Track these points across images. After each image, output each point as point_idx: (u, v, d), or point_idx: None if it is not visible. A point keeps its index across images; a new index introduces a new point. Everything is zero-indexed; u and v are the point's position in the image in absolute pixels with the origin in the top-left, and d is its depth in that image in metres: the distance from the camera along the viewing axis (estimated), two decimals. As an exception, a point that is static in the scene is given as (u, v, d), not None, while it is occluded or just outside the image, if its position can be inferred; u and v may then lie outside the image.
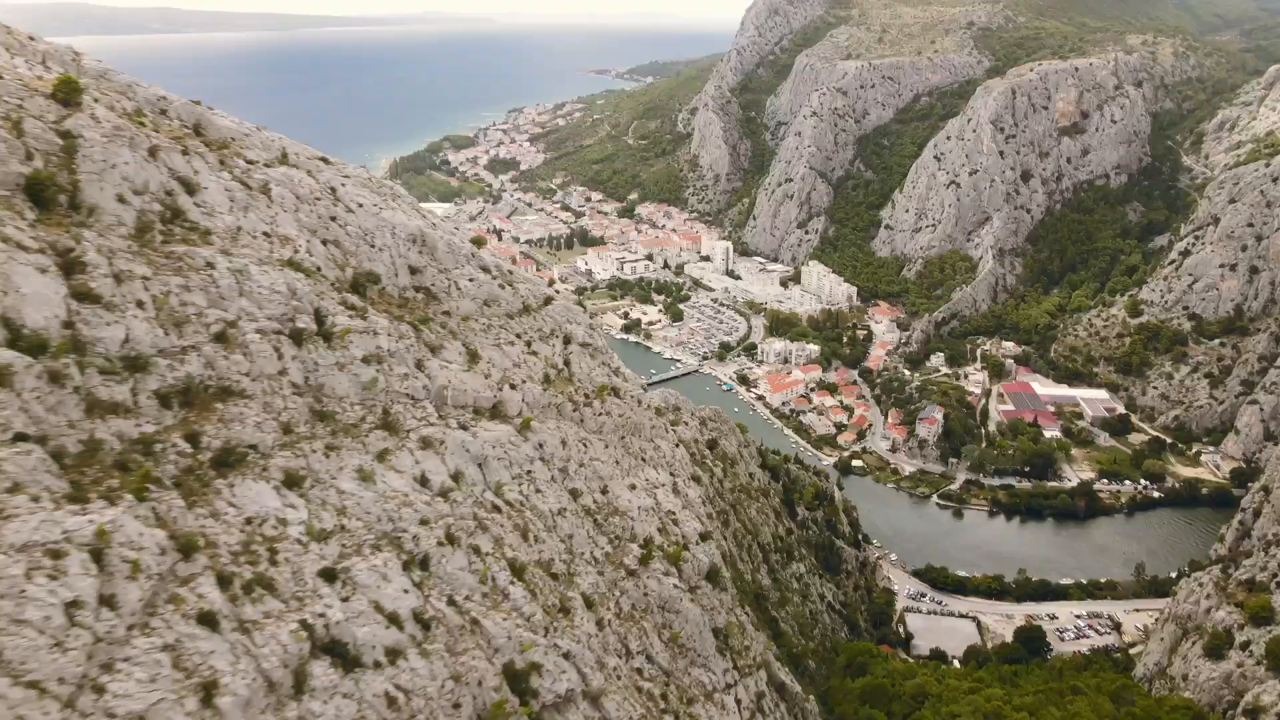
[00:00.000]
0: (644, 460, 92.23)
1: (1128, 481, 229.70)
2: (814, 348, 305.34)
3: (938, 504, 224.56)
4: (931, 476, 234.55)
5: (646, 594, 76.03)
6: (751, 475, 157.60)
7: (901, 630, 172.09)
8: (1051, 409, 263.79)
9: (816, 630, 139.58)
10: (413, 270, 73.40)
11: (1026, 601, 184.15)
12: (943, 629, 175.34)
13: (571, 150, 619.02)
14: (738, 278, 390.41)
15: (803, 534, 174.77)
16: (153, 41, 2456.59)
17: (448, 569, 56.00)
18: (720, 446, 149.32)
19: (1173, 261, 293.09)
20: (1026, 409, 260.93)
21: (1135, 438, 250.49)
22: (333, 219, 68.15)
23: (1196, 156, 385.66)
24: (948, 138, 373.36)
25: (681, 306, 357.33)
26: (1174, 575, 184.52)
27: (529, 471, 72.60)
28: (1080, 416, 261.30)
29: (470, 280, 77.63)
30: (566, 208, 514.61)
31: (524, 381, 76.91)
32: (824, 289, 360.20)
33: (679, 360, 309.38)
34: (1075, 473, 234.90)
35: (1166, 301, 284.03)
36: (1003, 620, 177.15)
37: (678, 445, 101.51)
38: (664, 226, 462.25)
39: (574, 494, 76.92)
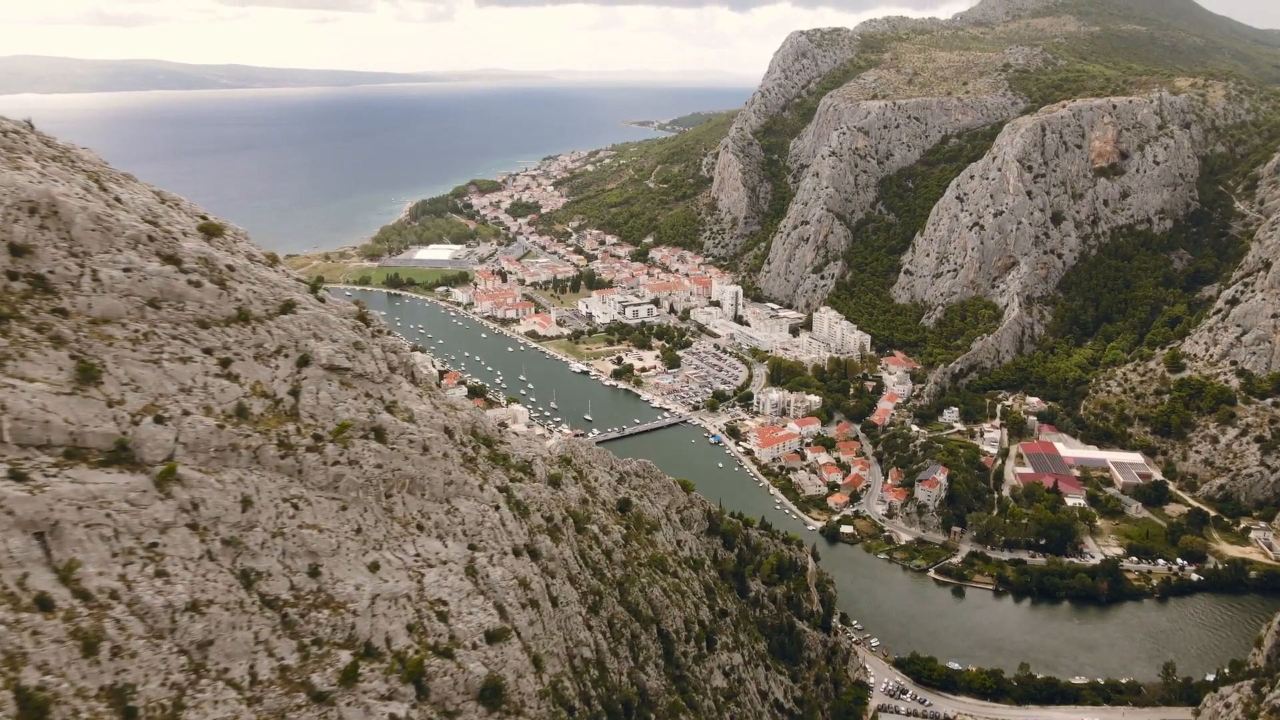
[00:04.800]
0: (420, 529, 68.65)
1: (1161, 560, 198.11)
2: (814, 399, 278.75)
3: (935, 579, 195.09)
4: (931, 547, 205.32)
5: (340, 729, 51.94)
6: (679, 543, 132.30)
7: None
8: (1076, 473, 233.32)
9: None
10: (16, 250, 51.78)
11: (1029, 704, 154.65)
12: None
13: (593, 194, 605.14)
14: (745, 324, 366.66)
15: (754, 614, 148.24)
16: (222, 95, 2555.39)
17: None
18: (635, 508, 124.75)
19: (1219, 311, 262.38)
20: (1047, 472, 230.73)
21: (1172, 509, 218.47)
22: None
23: (1250, 202, 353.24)
24: (971, 177, 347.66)
25: (680, 353, 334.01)
26: (1211, 679, 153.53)
27: (154, 544, 49.65)
28: (1109, 483, 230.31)
29: (125, 271, 55.80)
30: (580, 250, 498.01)
31: (185, 413, 54.39)
32: (835, 337, 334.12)
33: (667, 410, 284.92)
34: (1099, 548, 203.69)
35: (1212, 355, 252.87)
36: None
37: (496, 508, 77.47)
38: (676, 270, 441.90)
39: (248, 578, 53.61)
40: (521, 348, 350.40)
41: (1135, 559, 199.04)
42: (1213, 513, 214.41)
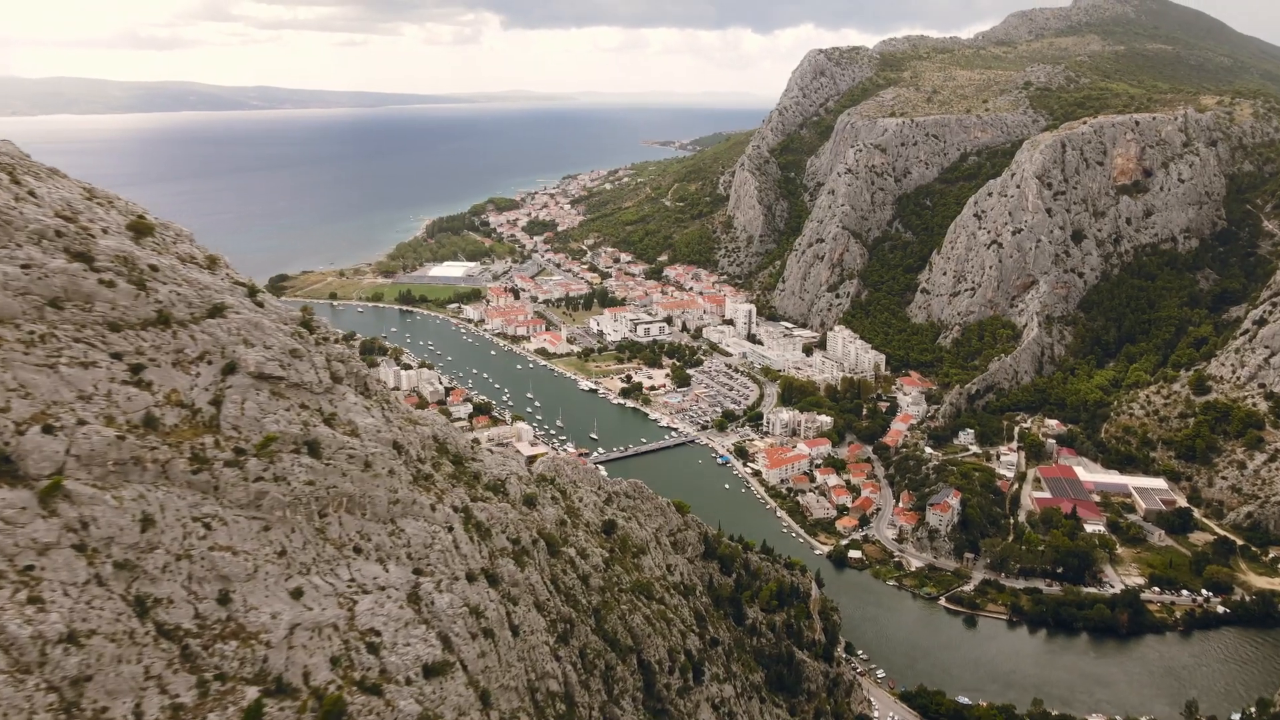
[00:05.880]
0: (358, 551, 63.61)
1: (1185, 591, 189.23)
2: (826, 419, 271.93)
3: (946, 608, 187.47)
4: (942, 574, 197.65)
5: (236, 776, 46.75)
6: (669, 568, 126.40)
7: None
8: (1096, 498, 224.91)
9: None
10: (-103, 245, 47.70)
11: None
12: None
13: (609, 212, 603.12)
14: (758, 342, 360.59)
15: (750, 643, 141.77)
16: (252, 116, 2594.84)
17: None
18: (621, 530, 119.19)
19: (1246, 332, 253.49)
20: (1065, 497, 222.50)
21: (1197, 537, 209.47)
22: None
23: (1279, 221, 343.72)
24: (989, 194, 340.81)
25: (691, 372, 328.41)
26: (1236, 719, 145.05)
27: (29, 568, 44.93)
28: (1131, 509, 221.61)
29: (23, 267, 51.63)
30: (594, 268, 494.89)
31: (80, 423, 49.86)
32: (849, 356, 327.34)
33: (675, 429, 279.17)
34: (1120, 577, 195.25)
35: (1239, 377, 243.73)
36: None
37: (449, 529, 72.36)
38: (690, 289, 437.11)
39: (143, 605, 48.70)
40: (530, 365, 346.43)
41: (1157, 589, 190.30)
42: (1240, 542, 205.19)
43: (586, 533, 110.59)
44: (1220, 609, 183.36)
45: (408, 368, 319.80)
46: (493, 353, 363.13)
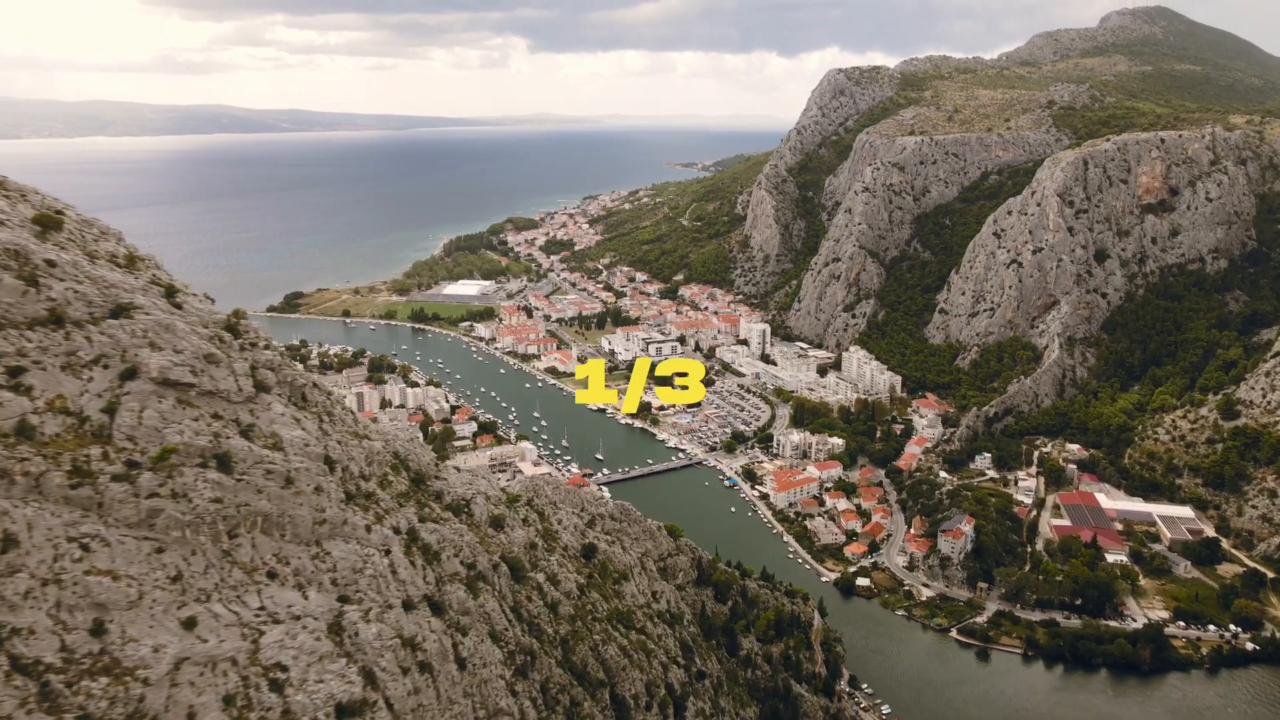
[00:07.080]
0: (273, 576, 58.01)
1: (1212, 626, 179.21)
2: (837, 441, 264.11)
3: (957, 640, 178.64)
4: (954, 604, 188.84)
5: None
6: (655, 595, 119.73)
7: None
8: (1119, 527, 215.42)
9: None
10: None
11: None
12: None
13: (627, 232, 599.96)
14: (772, 363, 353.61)
15: (744, 675, 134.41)
16: (283, 139, 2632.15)
17: None
18: (602, 555, 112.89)
19: (1277, 354, 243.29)
20: (1086, 525, 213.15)
21: (1226, 569, 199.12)
22: None
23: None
24: (1009, 212, 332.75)
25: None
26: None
27: None
28: (1155, 538, 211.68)
29: (-115, 260, 46.83)
30: (609, 288, 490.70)
31: (-64, 431, 44.80)
32: (864, 377, 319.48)
33: (683, 450, 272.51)
34: (1142, 610, 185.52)
35: (1269, 402, 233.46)
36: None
37: (386, 552, 66.68)
38: (705, 308, 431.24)
39: (-5, 635, 43.36)
40: (539, 384, 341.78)
41: (1182, 624, 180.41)
42: (1271, 574, 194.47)
43: (562, 557, 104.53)
44: (1249, 646, 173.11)
45: (415, 385, 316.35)
46: (502, 371, 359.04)
